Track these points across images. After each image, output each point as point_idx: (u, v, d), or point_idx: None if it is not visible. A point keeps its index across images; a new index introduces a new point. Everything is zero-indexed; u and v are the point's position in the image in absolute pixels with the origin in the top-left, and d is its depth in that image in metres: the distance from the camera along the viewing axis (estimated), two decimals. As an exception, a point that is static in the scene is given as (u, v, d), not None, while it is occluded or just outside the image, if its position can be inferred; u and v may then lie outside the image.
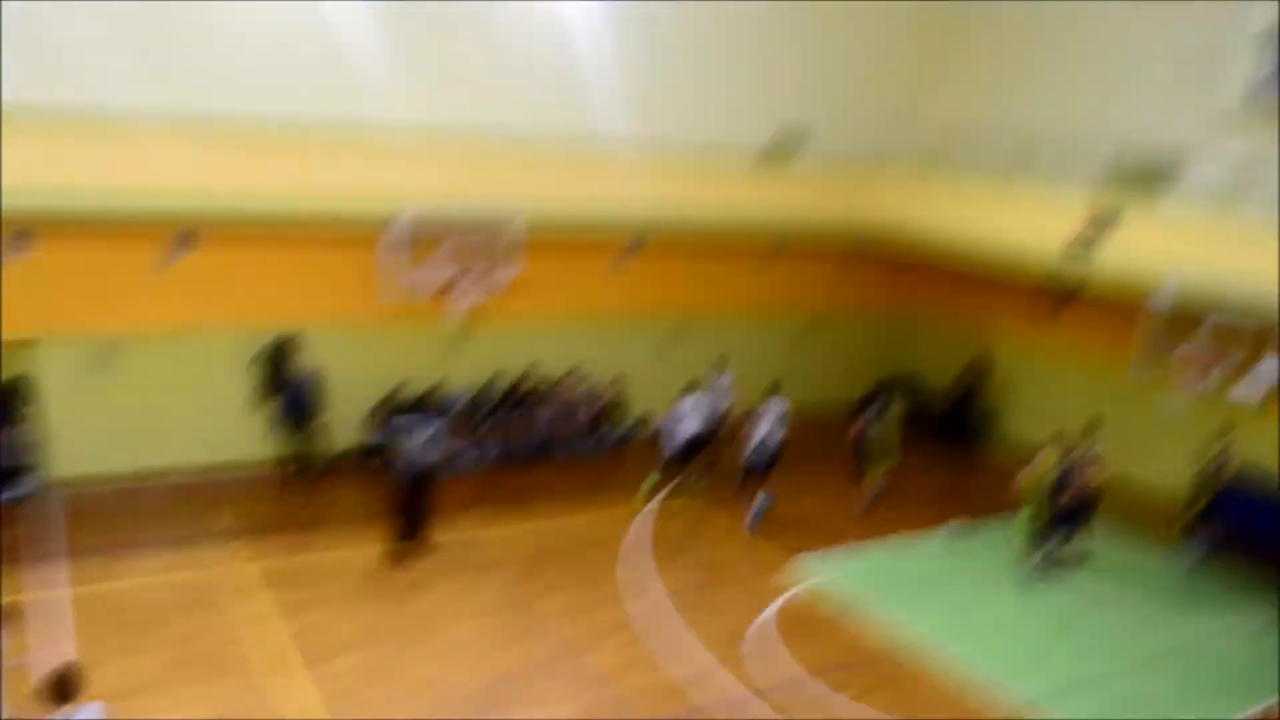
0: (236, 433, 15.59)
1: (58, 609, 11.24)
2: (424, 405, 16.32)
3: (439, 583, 12.59)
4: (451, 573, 12.85)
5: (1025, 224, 16.84)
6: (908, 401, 18.11)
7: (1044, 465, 13.90)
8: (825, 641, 11.83)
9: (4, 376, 14.59)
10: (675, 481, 15.73)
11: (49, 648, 10.39)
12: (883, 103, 20.44)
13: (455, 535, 13.74)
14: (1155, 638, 12.57)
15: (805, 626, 12.15)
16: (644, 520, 14.90)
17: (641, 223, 17.58)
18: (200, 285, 14.95)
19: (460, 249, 15.90)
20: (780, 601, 12.69)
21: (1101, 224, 15.38)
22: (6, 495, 13.93)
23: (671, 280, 19.02)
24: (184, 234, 14.55)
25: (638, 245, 18.25)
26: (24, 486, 14.14)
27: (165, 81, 13.91)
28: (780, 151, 18.89)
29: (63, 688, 7.25)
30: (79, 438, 14.57)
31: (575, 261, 17.80)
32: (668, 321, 19.18)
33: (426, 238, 15.64)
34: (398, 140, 15.07)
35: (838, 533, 14.93)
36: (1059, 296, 16.72)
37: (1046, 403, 18.82)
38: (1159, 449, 16.79)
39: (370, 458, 16.28)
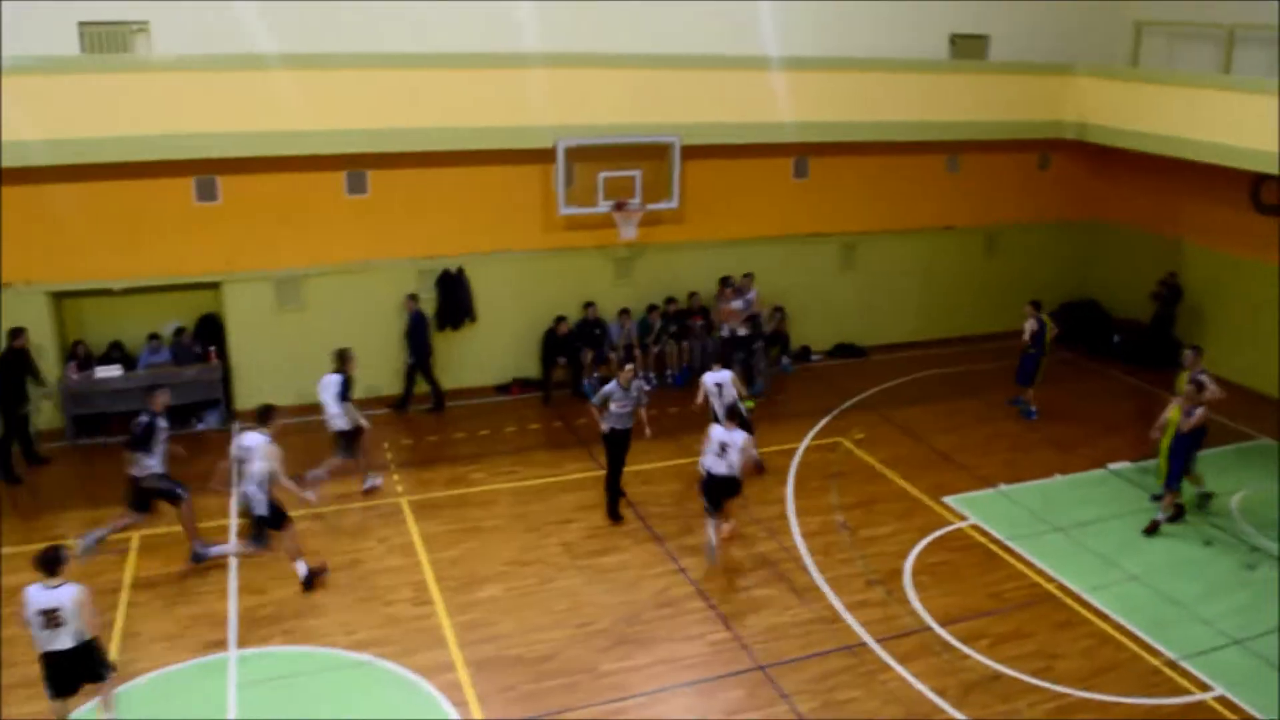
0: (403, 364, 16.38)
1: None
2: (585, 336, 16.75)
3: (580, 518, 12.99)
4: (595, 509, 13.21)
5: (1228, 121, 15.27)
6: (1088, 327, 17.19)
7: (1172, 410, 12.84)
8: (966, 587, 11.56)
9: (194, 316, 15.85)
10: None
11: (221, 575, 11.45)
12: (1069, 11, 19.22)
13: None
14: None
15: (945, 570, 11.90)
16: (792, 456, 14.86)
17: (809, 140, 17.15)
18: (371, 221, 15.74)
19: (621, 177, 15.97)
20: (923, 544, 12.45)
21: None
22: (197, 427, 15.21)
23: (841, 200, 18.61)
24: (355, 172, 15.39)
25: (804, 164, 18.13)
26: (211, 419, 15.38)
27: (332, 31, 14.62)
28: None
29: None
30: (260, 372, 15.67)
31: (740, 185, 17.70)
32: (838, 243, 18.87)
33: (587, 166, 15.79)
34: (556, 71, 15.10)
35: (992, 472, 14.46)
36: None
37: (1241, 327, 17.48)
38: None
39: (531, 390, 16.85)
